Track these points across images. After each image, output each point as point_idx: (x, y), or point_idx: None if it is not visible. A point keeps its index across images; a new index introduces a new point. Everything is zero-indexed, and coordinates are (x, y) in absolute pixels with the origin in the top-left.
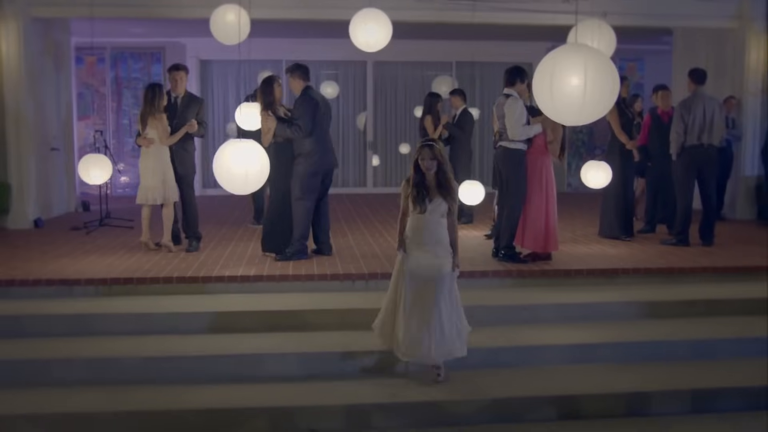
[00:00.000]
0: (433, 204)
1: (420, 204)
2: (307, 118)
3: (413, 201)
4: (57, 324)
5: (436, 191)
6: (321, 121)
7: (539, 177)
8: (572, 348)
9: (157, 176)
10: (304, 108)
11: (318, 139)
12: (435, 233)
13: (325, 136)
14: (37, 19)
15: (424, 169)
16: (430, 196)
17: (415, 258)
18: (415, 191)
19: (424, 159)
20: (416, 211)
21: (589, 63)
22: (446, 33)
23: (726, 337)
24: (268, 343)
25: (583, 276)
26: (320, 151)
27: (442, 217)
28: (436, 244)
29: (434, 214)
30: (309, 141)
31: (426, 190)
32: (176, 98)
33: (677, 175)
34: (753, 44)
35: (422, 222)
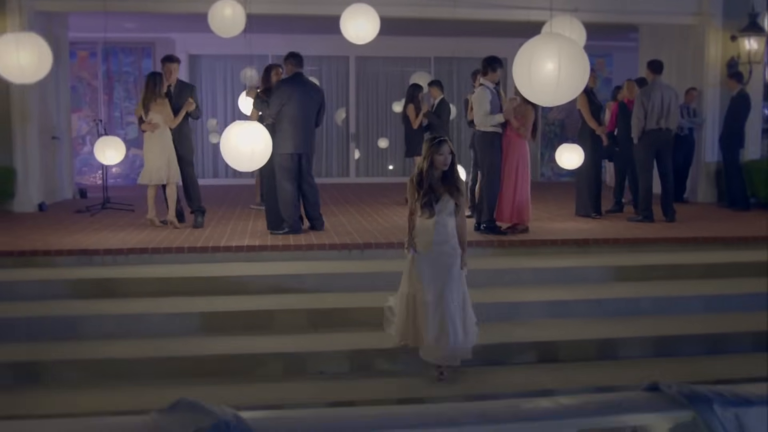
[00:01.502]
0: (440, 204)
1: (428, 209)
2: (272, 102)
3: (421, 207)
4: (83, 287)
5: (443, 188)
6: (293, 105)
7: (513, 158)
8: (549, 304)
9: (163, 157)
10: (273, 93)
11: (288, 122)
12: (443, 233)
13: (296, 120)
14: (40, 14)
15: (441, 164)
16: (438, 195)
17: (426, 259)
18: (425, 198)
19: (443, 154)
20: (424, 216)
21: (563, 50)
22: (426, 29)
23: (684, 295)
24: (276, 301)
25: (557, 245)
26: (288, 135)
27: (450, 215)
28: (445, 244)
29: (442, 215)
30: (279, 124)
31: (433, 190)
32: (170, 86)
33: (639, 156)
34: (712, 40)
35: (431, 223)
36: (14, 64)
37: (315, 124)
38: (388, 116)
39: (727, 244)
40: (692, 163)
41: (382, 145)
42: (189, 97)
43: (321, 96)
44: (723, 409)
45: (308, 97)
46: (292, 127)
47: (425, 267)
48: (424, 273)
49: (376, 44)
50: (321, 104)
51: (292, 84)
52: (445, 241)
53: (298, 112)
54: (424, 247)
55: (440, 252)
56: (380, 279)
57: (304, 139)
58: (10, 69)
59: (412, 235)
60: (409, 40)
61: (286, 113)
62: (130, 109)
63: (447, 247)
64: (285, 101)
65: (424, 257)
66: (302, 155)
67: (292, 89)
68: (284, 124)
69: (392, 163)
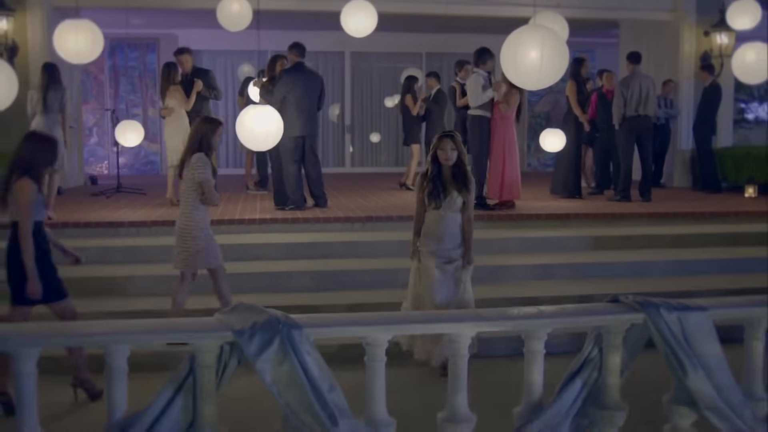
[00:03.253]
0: (448, 200)
1: (435, 200)
2: (276, 90)
3: (428, 196)
4: (114, 254)
5: (452, 185)
6: (296, 93)
7: (501, 139)
8: (534, 267)
9: (179, 138)
10: (277, 82)
11: (291, 108)
12: (449, 229)
13: (299, 106)
14: (57, 9)
15: (444, 160)
16: (446, 191)
17: (431, 267)
18: (431, 186)
19: (445, 149)
20: (431, 207)
21: (545, 40)
22: (417, 26)
23: (655, 260)
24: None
25: (542, 219)
26: (293, 119)
27: (458, 213)
28: (451, 242)
29: (449, 210)
30: (282, 109)
31: (442, 184)
32: (186, 75)
33: (619, 141)
34: (686, 35)
35: (437, 217)
36: (72, 48)
37: (317, 109)
38: (381, 110)
39: (696, 218)
40: (668, 151)
41: (374, 139)
42: (200, 80)
43: (321, 83)
44: (668, 313)
45: (309, 84)
46: (295, 112)
47: (431, 275)
48: (431, 282)
49: (371, 40)
50: (321, 90)
51: (294, 73)
52: (449, 239)
53: (300, 98)
54: (428, 246)
55: (444, 251)
56: (380, 247)
57: (306, 122)
58: (69, 52)
59: (417, 244)
60: (402, 36)
61: (290, 100)
62: (135, 101)
63: (451, 245)
64: (288, 89)
65: (430, 264)
66: (306, 137)
67: (294, 78)
68: (288, 109)
69: (384, 155)
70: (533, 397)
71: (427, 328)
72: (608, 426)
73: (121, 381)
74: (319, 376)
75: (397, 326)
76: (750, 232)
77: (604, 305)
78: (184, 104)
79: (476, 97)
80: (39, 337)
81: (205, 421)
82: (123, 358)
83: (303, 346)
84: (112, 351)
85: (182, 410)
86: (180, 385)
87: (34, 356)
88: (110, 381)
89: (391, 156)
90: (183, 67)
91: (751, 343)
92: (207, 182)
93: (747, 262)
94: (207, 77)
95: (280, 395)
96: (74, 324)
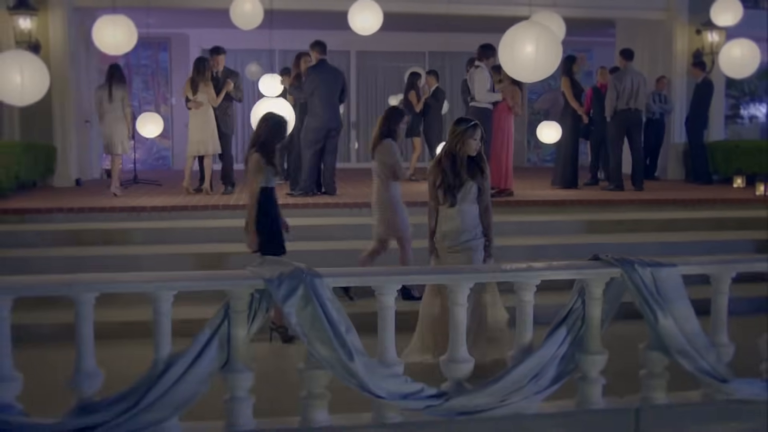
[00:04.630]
0: (462, 191)
1: (450, 197)
2: (305, 87)
3: (444, 193)
4: (136, 235)
5: (465, 172)
6: (322, 88)
7: (501, 131)
8: (529, 248)
9: (204, 132)
10: (306, 79)
11: (317, 102)
12: (466, 221)
13: (325, 101)
14: (77, 9)
15: (473, 149)
16: (461, 180)
17: (453, 261)
18: (447, 183)
19: (476, 139)
20: (446, 205)
21: (540, 36)
22: (420, 26)
23: (644, 242)
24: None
25: (538, 205)
26: (317, 112)
27: (473, 203)
28: (468, 234)
29: (464, 203)
30: (310, 103)
31: (456, 175)
32: (217, 73)
33: (611, 133)
34: (679, 33)
35: (454, 212)
36: (111, 41)
37: (339, 102)
38: (385, 107)
39: (685, 204)
40: (662, 145)
41: None
42: (231, 80)
43: (342, 78)
44: (642, 268)
45: (333, 79)
46: (322, 106)
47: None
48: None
49: (375, 40)
50: (343, 85)
51: (319, 70)
52: (467, 231)
53: (325, 93)
54: (444, 242)
55: (462, 245)
56: None
57: (333, 116)
58: (107, 44)
59: (434, 239)
60: (406, 36)
61: (317, 95)
62: (147, 99)
63: (470, 238)
64: (316, 85)
65: (450, 261)
66: (331, 129)
67: (319, 74)
68: (315, 103)
69: None
70: (524, 342)
71: (428, 279)
72: (591, 368)
73: (167, 324)
74: (338, 318)
75: (401, 277)
76: (736, 217)
77: (586, 262)
78: (213, 100)
79: (483, 93)
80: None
81: (237, 360)
82: (168, 303)
83: (324, 292)
84: (159, 296)
85: (218, 351)
86: (216, 329)
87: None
88: (157, 324)
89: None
90: (216, 66)
91: (716, 296)
92: (396, 164)
93: (732, 244)
94: (237, 78)
95: (304, 335)
96: (130, 274)
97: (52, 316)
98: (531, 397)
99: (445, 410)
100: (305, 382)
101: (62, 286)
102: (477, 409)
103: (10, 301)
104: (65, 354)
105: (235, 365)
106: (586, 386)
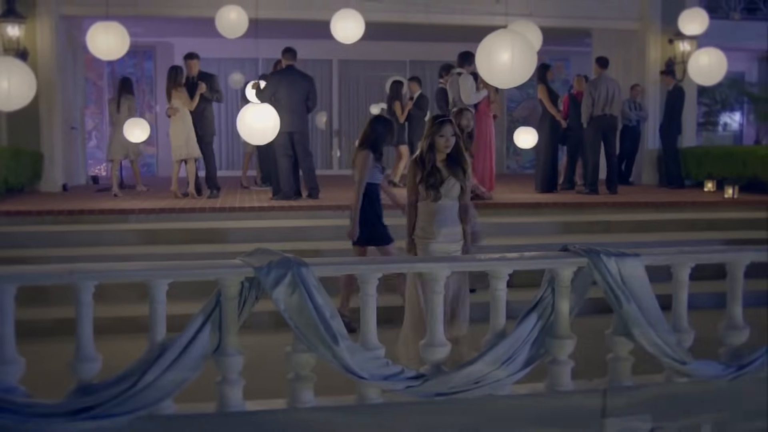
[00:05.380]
0: (445, 187)
1: (433, 191)
2: (264, 90)
3: (426, 188)
4: (128, 237)
5: (447, 171)
6: (282, 93)
7: (483, 133)
8: (507, 248)
9: (182, 137)
10: (267, 83)
11: (279, 107)
12: (448, 219)
13: (285, 105)
14: (63, 18)
15: (444, 147)
16: (442, 177)
17: (435, 250)
18: (431, 179)
19: (446, 135)
20: (429, 198)
21: (515, 43)
22: (402, 35)
23: (618, 242)
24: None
25: (516, 208)
26: (281, 116)
27: (455, 200)
28: (450, 232)
29: (446, 199)
30: (275, 108)
31: (437, 172)
32: (193, 78)
33: (588, 138)
34: (652, 43)
35: (435, 207)
36: (104, 46)
37: (306, 108)
38: (367, 115)
39: (657, 207)
40: (637, 151)
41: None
42: (204, 83)
43: (309, 83)
44: (607, 258)
45: (296, 84)
46: (283, 110)
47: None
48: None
49: (357, 49)
50: (309, 90)
51: (282, 74)
52: (449, 229)
53: (287, 97)
54: (426, 241)
55: (444, 244)
56: None
57: (293, 119)
58: (100, 49)
59: (413, 236)
60: (387, 45)
61: (278, 99)
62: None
63: (451, 237)
64: (275, 89)
65: (432, 251)
66: (294, 133)
67: (280, 79)
68: (277, 108)
69: None
70: (497, 328)
71: (408, 267)
72: (560, 352)
73: (162, 311)
74: (323, 304)
75: (382, 266)
76: (706, 218)
77: (555, 252)
78: (188, 104)
79: (471, 95)
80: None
81: (228, 345)
82: (163, 291)
83: (310, 280)
84: (155, 284)
85: (210, 336)
86: (208, 316)
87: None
88: (153, 311)
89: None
90: (190, 71)
91: (677, 286)
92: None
93: (702, 244)
94: (211, 81)
95: (291, 319)
96: (128, 263)
97: (45, 312)
98: (504, 380)
99: (424, 391)
100: (292, 365)
101: (64, 275)
102: (453, 390)
103: (14, 288)
104: (59, 349)
105: (227, 349)
106: (556, 369)
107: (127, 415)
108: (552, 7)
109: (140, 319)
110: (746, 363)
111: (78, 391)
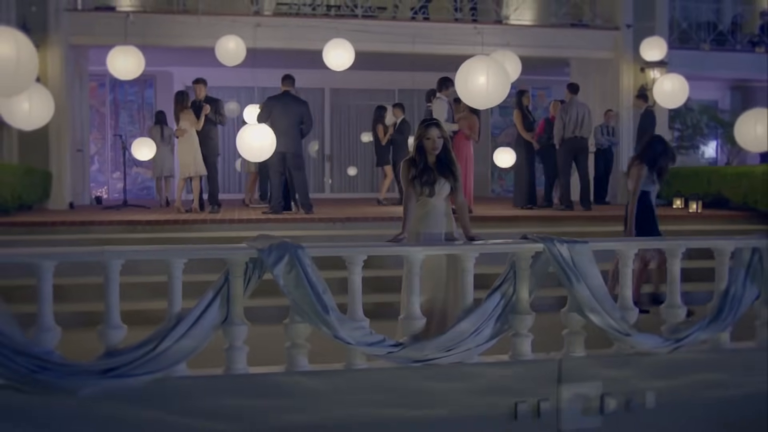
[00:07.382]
0: (437, 185)
1: (429, 187)
2: (260, 114)
3: (421, 185)
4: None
5: (437, 173)
6: (276, 115)
7: (463, 157)
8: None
9: (190, 156)
10: (262, 107)
11: (274, 129)
12: (441, 218)
13: (278, 127)
14: (72, 47)
15: (432, 149)
16: (433, 175)
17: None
18: (424, 176)
19: (432, 138)
20: (425, 194)
21: (490, 68)
22: (390, 65)
23: None
24: None
25: (494, 221)
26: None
27: (446, 200)
28: (443, 231)
29: (439, 198)
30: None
31: (431, 170)
32: (200, 101)
33: (560, 159)
34: (625, 71)
35: (429, 206)
36: (122, 67)
37: (300, 131)
38: (357, 141)
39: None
40: (611, 172)
41: (351, 173)
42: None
43: (302, 108)
44: (560, 244)
45: (289, 108)
46: (276, 132)
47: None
48: (433, 272)
49: (348, 78)
50: (303, 114)
51: (275, 99)
52: (442, 228)
53: (279, 119)
54: (422, 228)
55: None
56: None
57: (286, 141)
58: (119, 70)
59: (407, 228)
60: (376, 74)
61: (273, 122)
62: (133, 132)
63: (444, 235)
64: (269, 113)
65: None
66: (286, 153)
67: (274, 103)
68: (273, 129)
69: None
70: (466, 303)
71: (391, 251)
72: (521, 326)
73: (178, 286)
74: (316, 281)
75: (367, 249)
76: (672, 230)
77: (516, 240)
78: (195, 125)
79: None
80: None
81: (235, 317)
82: (179, 268)
83: (305, 260)
84: (173, 263)
85: (219, 309)
86: (218, 291)
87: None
88: (171, 286)
89: (367, 183)
90: (197, 94)
91: (622, 269)
92: None
93: None
94: (216, 104)
95: (289, 293)
96: (150, 246)
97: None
98: (472, 349)
99: (402, 357)
100: (289, 334)
101: (96, 254)
102: (427, 358)
103: (53, 266)
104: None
105: (234, 320)
106: (518, 341)
107: (147, 375)
108: (529, 37)
109: (148, 312)
110: (683, 337)
111: (105, 354)
